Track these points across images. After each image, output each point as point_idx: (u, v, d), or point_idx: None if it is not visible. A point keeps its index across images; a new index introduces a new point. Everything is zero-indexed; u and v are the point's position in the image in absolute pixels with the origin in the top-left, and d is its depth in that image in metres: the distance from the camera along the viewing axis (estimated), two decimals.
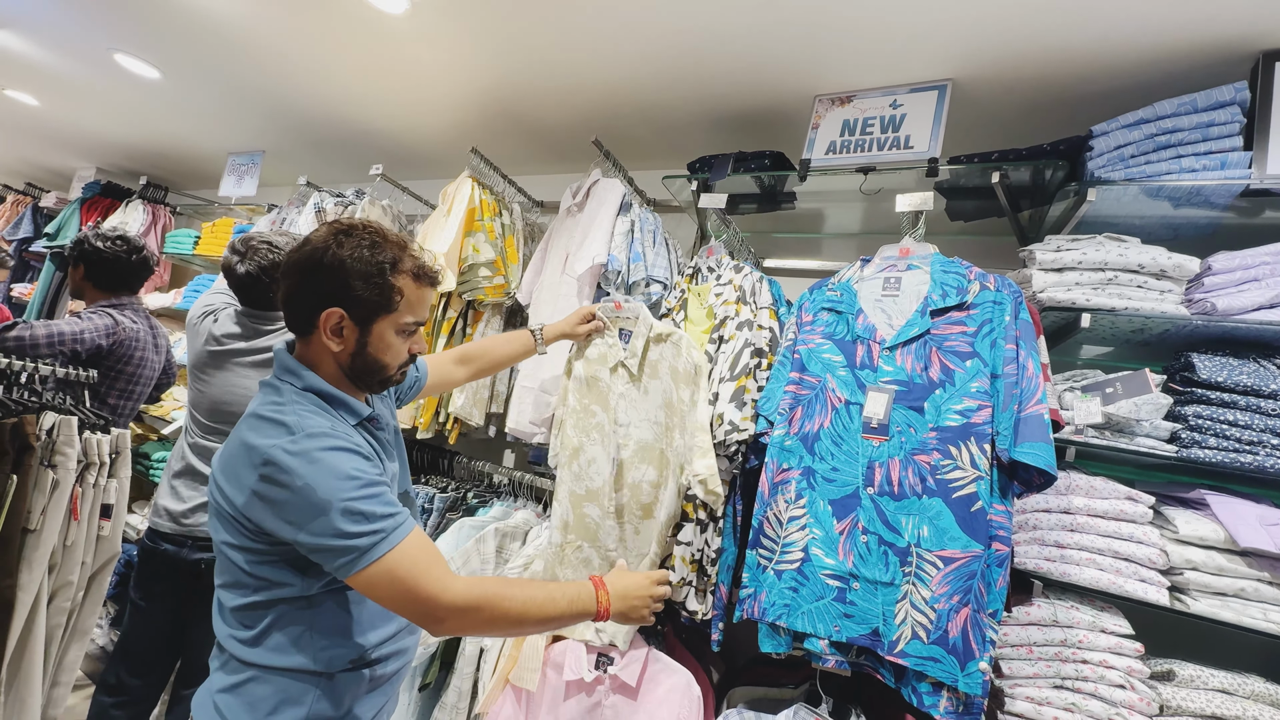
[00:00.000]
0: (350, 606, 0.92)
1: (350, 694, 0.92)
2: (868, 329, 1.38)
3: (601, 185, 1.88)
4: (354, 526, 0.80)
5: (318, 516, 0.79)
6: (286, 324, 0.95)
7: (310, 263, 0.89)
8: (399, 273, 0.92)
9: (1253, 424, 1.19)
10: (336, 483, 0.81)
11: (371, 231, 0.92)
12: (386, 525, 0.82)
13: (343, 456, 0.83)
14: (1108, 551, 1.24)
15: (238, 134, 3.01)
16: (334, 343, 0.91)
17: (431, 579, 0.82)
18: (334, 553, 0.80)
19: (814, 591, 1.27)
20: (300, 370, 0.92)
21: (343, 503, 0.80)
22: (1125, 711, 1.15)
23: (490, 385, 2.07)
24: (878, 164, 1.61)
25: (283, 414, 0.85)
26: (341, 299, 0.89)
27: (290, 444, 0.82)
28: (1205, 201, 1.37)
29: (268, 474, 0.81)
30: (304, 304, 0.90)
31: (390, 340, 0.95)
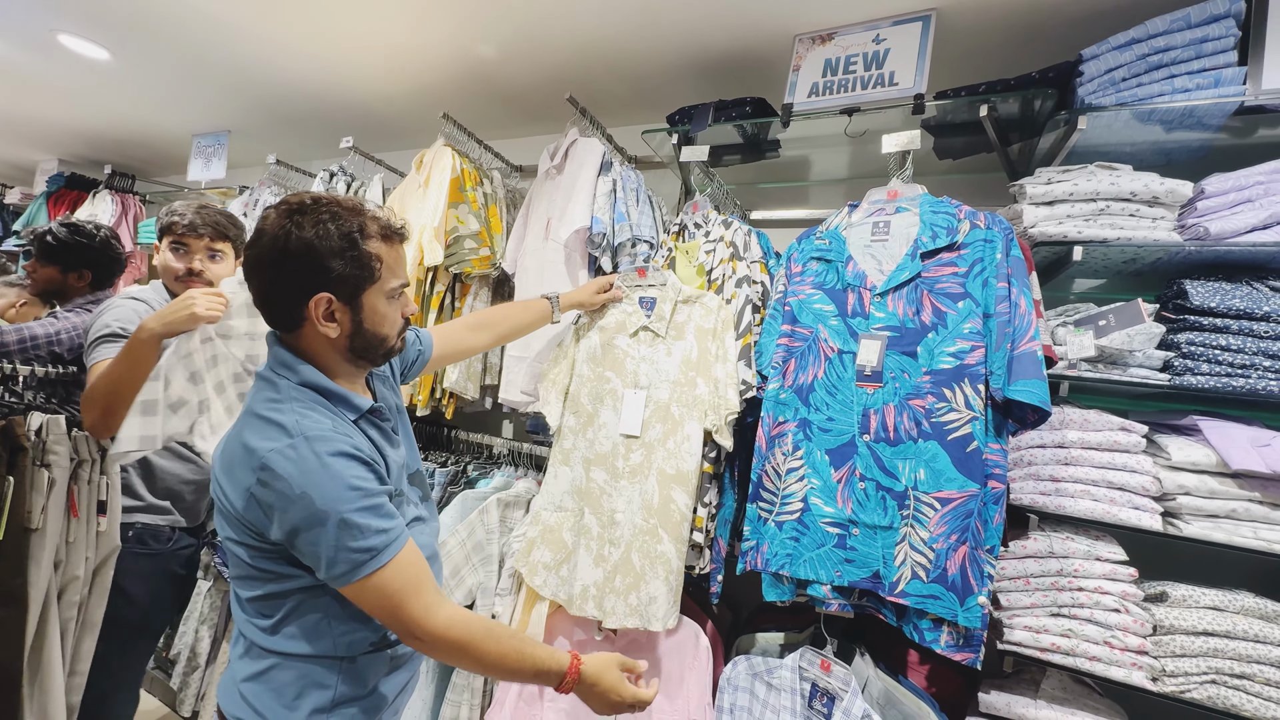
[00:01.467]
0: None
1: (373, 674, 0.93)
2: (858, 276, 1.36)
3: (580, 145, 1.82)
4: (349, 540, 0.79)
5: (313, 527, 0.78)
6: (269, 322, 0.90)
7: (276, 253, 0.83)
8: (369, 238, 0.88)
9: (1245, 347, 1.18)
10: (334, 493, 0.79)
11: (325, 203, 0.86)
12: (379, 542, 0.81)
13: (342, 463, 0.81)
14: (1101, 482, 1.26)
15: (200, 114, 2.89)
16: (330, 328, 0.87)
17: (419, 603, 0.82)
18: (327, 563, 0.79)
19: (815, 540, 1.29)
20: (296, 364, 0.88)
21: (340, 515, 0.79)
22: (1120, 634, 1.19)
23: (483, 358, 2.05)
24: (862, 104, 1.56)
25: (280, 413, 0.83)
26: (324, 282, 0.84)
27: (288, 448, 0.79)
28: (1198, 123, 1.34)
29: (264, 479, 0.79)
30: (285, 297, 0.86)
31: (383, 309, 0.92)
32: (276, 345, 0.90)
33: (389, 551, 0.82)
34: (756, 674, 1.39)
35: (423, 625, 0.82)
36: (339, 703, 0.88)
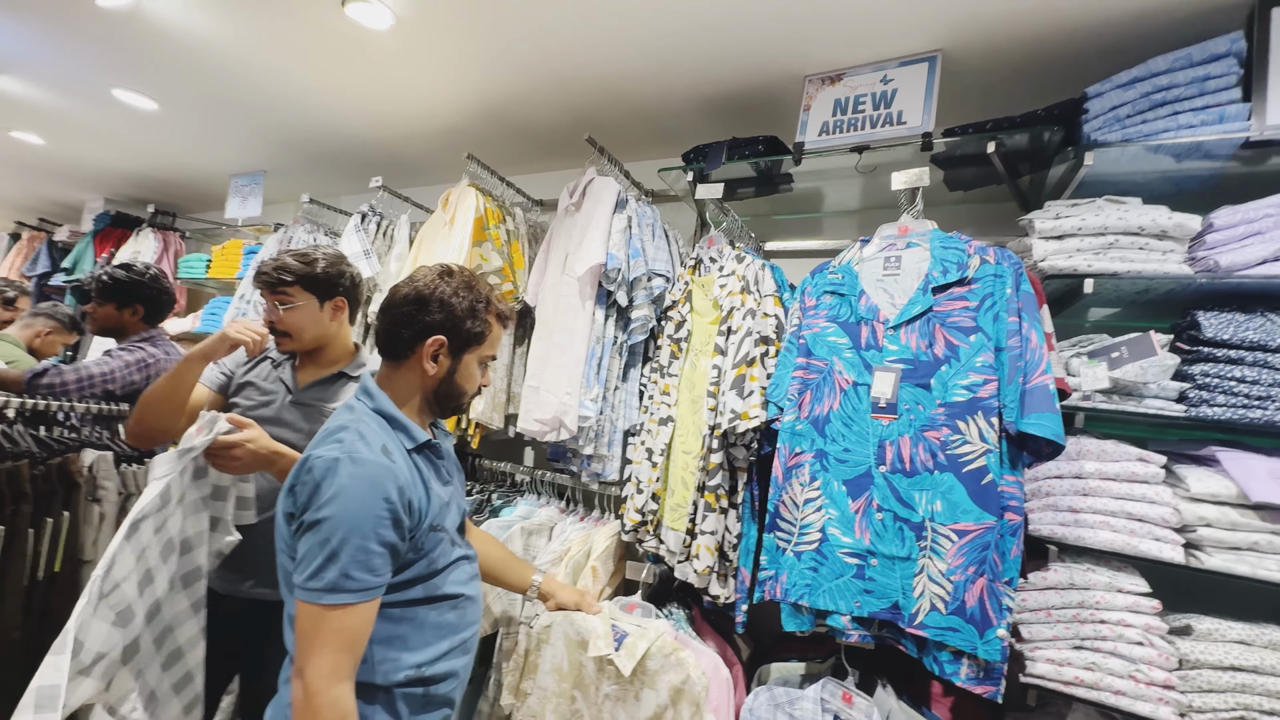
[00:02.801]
0: (399, 621, 0.97)
1: (409, 708, 0.97)
2: (871, 310, 1.39)
3: (597, 184, 1.90)
4: (345, 565, 0.85)
5: (322, 533, 0.86)
6: (383, 350, 1.06)
7: (421, 297, 1.02)
8: (489, 313, 1.08)
9: (1260, 379, 1.19)
10: (355, 518, 0.86)
11: (468, 275, 1.08)
12: (364, 583, 0.86)
13: (374, 498, 0.88)
14: (1121, 513, 1.26)
15: (237, 156, 3.05)
16: (430, 366, 1.03)
17: (336, 660, 0.85)
18: (313, 570, 0.85)
19: (833, 570, 1.30)
20: (376, 393, 1.02)
21: (351, 539, 0.86)
22: (1145, 667, 1.18)
23: (507, 389, 2.11)
24: (871, 142, 1.61)
25: (344, 431, 0.94)
26: (444, 329, 1.03)
27: (333, 461, 0.88)
28: (1206, 155, 1.36)
29: (304, 478, 0.89)
30: (409, 331, 1.02)
31: (473, 370, 1.09)
32: (368, 379, 1.05)
33: (361, 596, 0.87)
34: (778, 705, 1.40)
35: (321, 680, 0.84)
36: None
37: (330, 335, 1.48)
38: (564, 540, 1.82)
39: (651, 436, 1.76)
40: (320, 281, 1.44)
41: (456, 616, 1.05)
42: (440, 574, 1.02)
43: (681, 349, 1.76)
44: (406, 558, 0.96)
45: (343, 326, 1.51)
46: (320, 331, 1.46)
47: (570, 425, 1.75)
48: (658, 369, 1.82)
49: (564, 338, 1.81)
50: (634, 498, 1.75)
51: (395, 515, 0.90)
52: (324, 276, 1.44)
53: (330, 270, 1.46)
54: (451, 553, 1.05)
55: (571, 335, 1.80)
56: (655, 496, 1.71)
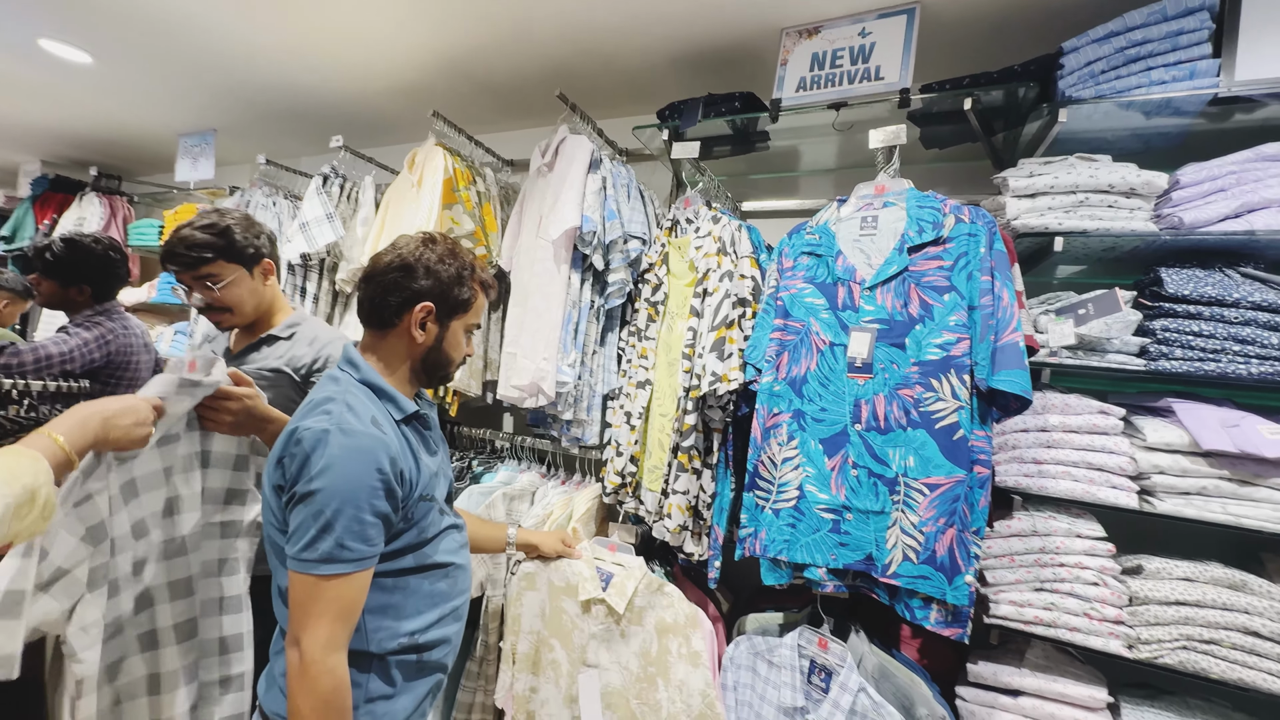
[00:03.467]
0: (392, 590, 0.98)
1: (404, 675, 0.99)
2: (847, 270, 1.40)
3: (569, 143, 1.84)
4: (338, 535, 0.86)
5: (314, 504, 0.86)
6: (368, 319, 1.05)
7: (406, 264, 1.02)
8: (474, 279, 1.09)
9: (1216, 333, 1.24)
10: (347, 488, 0.86)
11: (449, 241, 1.09)
12: (358, 553, 0.87)
13: (366, 465, 0.88)
14: (1081, 463, 1.32)
15: (184, 113, 2.87)
16: (419, 334, 1.03)
17: (332, 629, 0.86)
18: (307, 541, 0.86)
19: (810, 525, 1.34)
20: (361, 364, 1.02)
21: (344, 509, 0.86)
22: (1098, 605, 1.26)
23: (484, 355, 2.09)
24: (849, 98, 1.58)
25: (331, 403, 0.93)
26: (432, 295, 1.03)
27: (322, 433, 0.88)
28: (1175, 112, 1.37)
29: (293, 451, 0.89)
30: (396, 299, 1.01)
31: (459, 338, 1.11)
32: (351, 350, 1.05)
33: (357, 565, 0.88)
34: (758, 653, 1.46)
35: (318, 649, 0.85)
36: (370, 699, 0.94)
37: (268, 301, 1.44)
38: (546, 504, 1.84)
39: (630, 400, 1.77)
40: (242, 248, 1.36)
41: (448, 585, 1.06)
42: (431, 543, 1.03)
43: (659, 312, 1.75)
44: (398, 527, 0.97)
45: (273, 288, 1.46)
46: (258, 300, 1.42)
47: (548, 391, 1.74)
48: (635, 333, 1.81)
49: (540, 302, 1.79)
50: (614, 460, 1.77)
51: (388, 485, 0.91)
52: (245, 242, 1.36)
53: (249, 234, 1.38)
54: (441, 522, 1.06)
55: (547, 300, 1.78)
56: (634, 459, 1.73)
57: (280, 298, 1.49)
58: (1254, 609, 1.17)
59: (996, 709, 1.33)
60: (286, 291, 2.29)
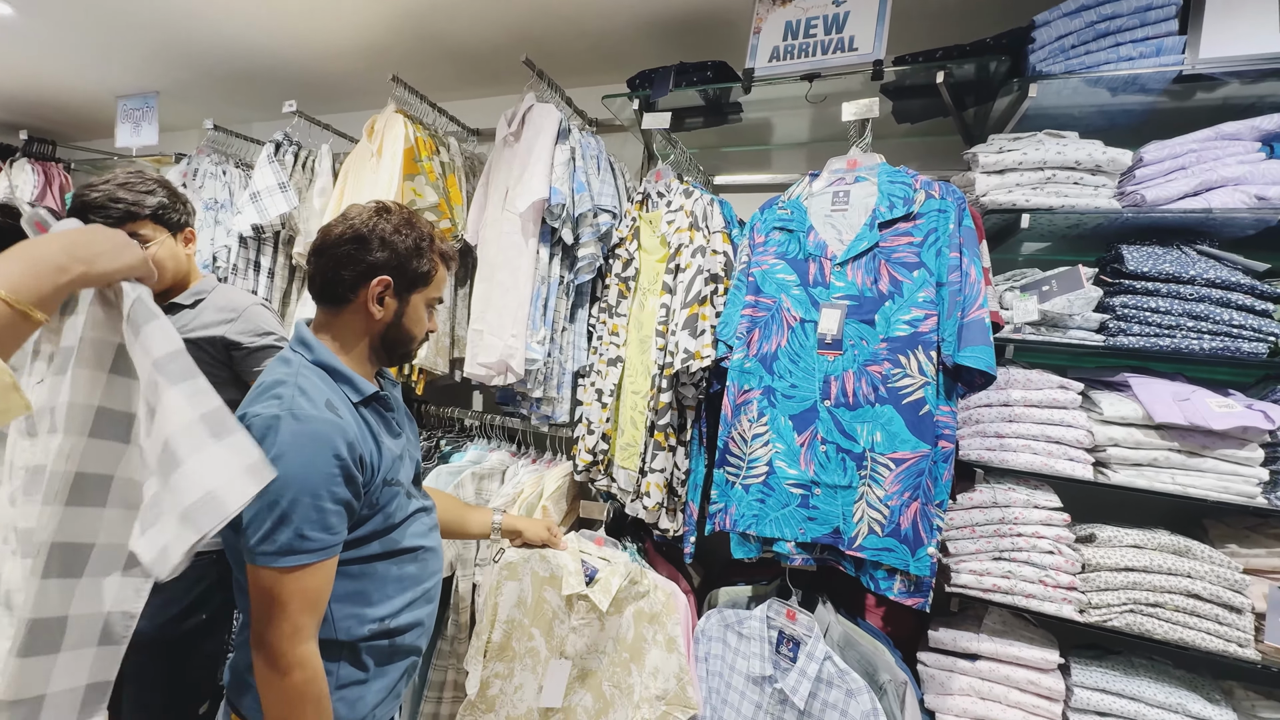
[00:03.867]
0: (359, 578, 0.95)
1: (375, 660, 0.97)
2: (819, 246, 1.39)
3: (537, 111, 1.77)
4: (283, 527, 0.81)
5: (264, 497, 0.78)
6: (319, 295, 0.98)
7: (360, 236, 0.95)
8: (433, 251, 1.03)
9: (1172, 309, 1.27)
10: (302, 476, 0.82)
11: (406, 212, 1.02)
12: (319, 542, 0.83)
13: (322, 455, 0.83)
14: (1041, 437, 1.35)
15: (122, 74, 2.67)
16: (377, 310, 0.97)
17: (298, 622, 0.82)
18: (262, 534, 0.81)
19: (780, 500, 1.36)
20: (314, 344, 0.96)
21: (300, 498, 0.82)
22: (1053, 573, 1.31)
23: (450, 333, 2.03)
24: (823, 70, 1.55)
25: (282, 387, 0.87)
26: (390, 268, 0.97)
27: (273, 419, 0.83)
28: (1141, 89, 1.38)
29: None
30: (350, 273, 0.95)
31: (421, 313, 1.04)
32: (303, 328, 0.98)
33: (320, 555, 0.84)
34: (728, 625, 1.49)
35: (285, 643, 0.82)
36: (342, 685, 0.93)
37: (185, 270, 1.36)
38: (516, 483, 1.82)
39: (601, 378, 1.75)
40: (169, 211, 1.30)
41: (418, 568, 1.03)
42: (398, 528, 1.00)
43: (630, 288, 1.73)
44: (361, 514, 0.93)
45: (191, 257, 1.39)
46: (178, 267, 1.34)
47: (517, 368, 1.71)
48: (606, 309, 1.78)
49: (507, 278, 1.74)
50: (585, 438, 1.75)
51: (347, 472, 0.86)
52: (173, 206, 1.30)
53: (175, 199, 1.31)
54: (408, 506, 1.03)
55: (515, 275, 1.73)
56: (606, 437, 1.72)
57: (196, 269, 1.42)
58: (1196, 573, 1.23)
59: (955, 672, 1.38)
60: (239, 266, 2.19)
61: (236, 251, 2.19)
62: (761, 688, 1.39)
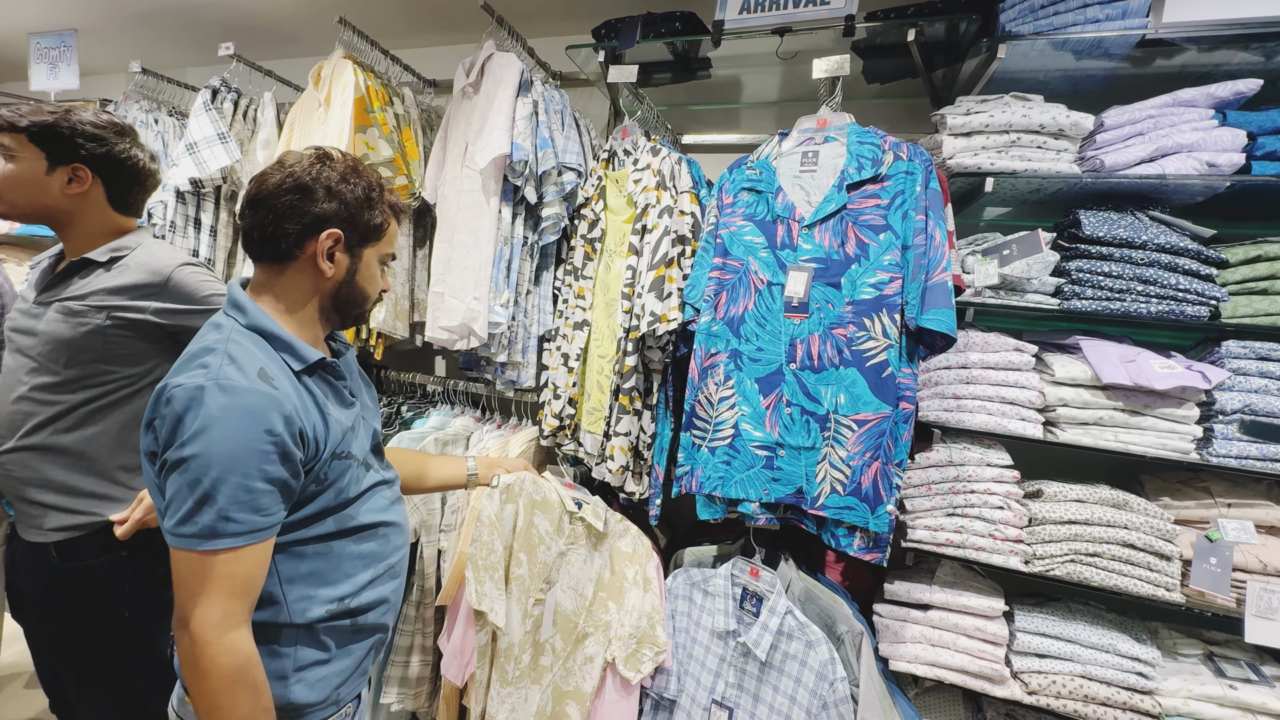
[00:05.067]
0: (313, 558, 0.89)
1: (338, 640, 0.92)
2: (787, 207, 1.37)
3: (496, 61, 1.68)
4: (205, 508, 0.75)
5: (188, 473, 0.75)
6: (258, 253, 0.90)
7: (302, 185, 0.87)
8: (383, 203, 0.96)
9: (1124, 274, 1.31)
10: (227, 453, 0.76)
11: (352, 160, 0.94)
12: (247, 525, 0.77)
13: (249, 431, 0.77)
14: (996, 398, 1.39)
15: (33, 8, 2.43)
16: (327, 267, 0.90)
17: (227, 607, 0.77)
18: (182, 515, 0.76)
19: (745, 462, 1.37)
20: (249, 306, 0.88)
21: (215, 481, 0.75)
22: (1002, 527, 1.37)
23: (410, 295, 1.96)
24: (794, 23, 1.51)
25: (209, 355, 0.80)
26: (339, 221, 0.90)
27: (196, 390, 0.76)
28: (1105, 53, 1.39)
29: (162, 412, 0.78)
30: (294, 225, 0.87)
31: (375, 270, 0.98)
32: (236, 290, 0.91)
33: (249, 539, 0.78)
34: (694, 583, 1.52)
35: (210, 631, 0.76)
36: (301, 667, 0.88)
37: (66, 212, 1.20)
38: (481, 449, 1.79)
39: (567, 341, 1.72)
40: (54, 138, 1.15)
41: (379, 545, 0.98)
42: (353, 503, 0.94)
43: (596, 250, 1.69)
44: (309, 490, 0.86)
45: (91, 205, 1.22)
46: (45, 201, 1.18)
47: (480, 332, 1.66)
48: (571, 271, 1.74)
49: (468, 238, 1.67)
50: (551, 403, 1.73)
51: (283, 449, 0.79)
52: (65, 132, 1.15)
53: (79, 129, 1.16)
54: (364, 479, 0.96)
55: (476, 235, 1.67)
56: (572, 401, 1.70)
57: (114, 222, 1.26)
58: (1132, 524, 1.30)
59: (908, 622, 1.45)
60: (177, 223, 2.05)
61: (174, 207, 2.04)
62: (726, 641, 1.44)
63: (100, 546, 1.19)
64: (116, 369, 1.19)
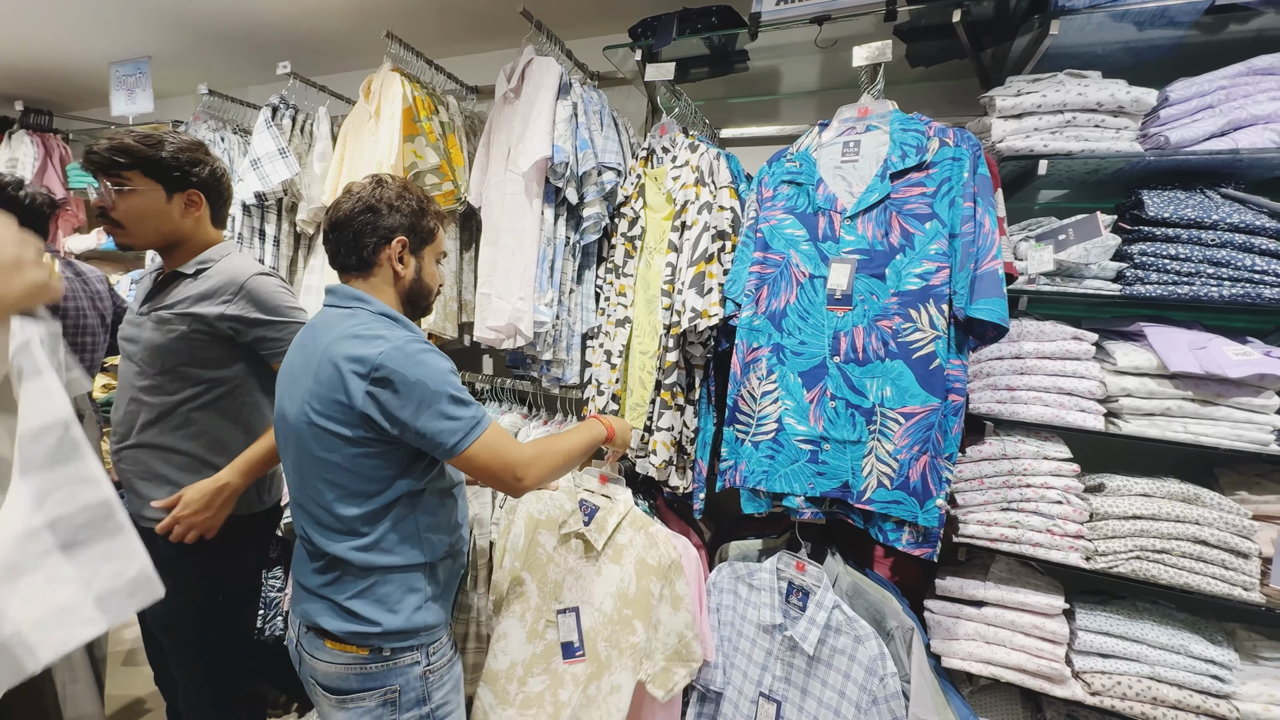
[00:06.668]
0: (442, 502, 1.13)
1: (446, 574, 1.16)
2: (828, 199, 1.36)
3: (536, 65, 1.72)
4: (460, 411, 0.99)
5: (431, 404, 0.97)
6: (346, 266, 1.10)
7: (370, 205, 1.07)
8: (432, 212, 1.16)
9: (1192, 255, 1.24)
10: (440, 378, 0.99)
11: (398, 180, 1.13)
12: (478, 410, 1.02)
13: (436, 356, 1.01)
14: (1053, 389, 1.34)
15: (115, 39, 2.62)
16: (401, 269, 1.10)
17: (514, 448, 1.05)
18: (447, 433, 0.98)
19: (789, 456, 1.37)
20: (367, 298, 1.07)
21: (448, 393, 0.99)
22: (1061, 522, 1.32)
23: (458, 297, 2.03)
24: (833, 11, 1.48)
25: (374, 329, 1.00)
26: (405, 229, 1.10)
27: (394, 350, 0.97)
28: (1170, 22, 1.31)
29: (382, 376, 0.96)
30: (372, 239, 1.07)
31: (433, 267, 1.18)
32: (346, 287, 1.09)
33: (486, 419, 1.03)
34: (739, 577, 1.53)
35: (520, 461, 1.04)
36: (429, 598, 1.11)
37: (183, 234, 1.30)
38: None
39: (609, 339, 1.75)
40: (167, 168, 1.24)
41: (462, 501, 1.24)
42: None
43: (636, 247, 1.71)
44: None
45: (200, 225, 1.33)
46: (167, 228, 1.28)
47: (526, 331, 1.71)
48: (613, 269, 1.77)
49: (512, 240, 1.72)
50: (595, 399, 1.77)
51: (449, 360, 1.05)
52: (172, 163, 1.25)
53: (181, 156, 1.26)
54: None
55: (520, 237, 1.71)
56: (615, 397, 1.73)
57: (210, 237, 1.36)
58: (1204, 520, 1.24)
59: (961, 618, 1.42)
60: (243, 235, 2.18)
61: (241, 220, 2.18)
62: (772, 636, 1.44)
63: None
64: (201, 372, 1.30)
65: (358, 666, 1.05)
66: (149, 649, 1.49)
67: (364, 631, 1.04)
